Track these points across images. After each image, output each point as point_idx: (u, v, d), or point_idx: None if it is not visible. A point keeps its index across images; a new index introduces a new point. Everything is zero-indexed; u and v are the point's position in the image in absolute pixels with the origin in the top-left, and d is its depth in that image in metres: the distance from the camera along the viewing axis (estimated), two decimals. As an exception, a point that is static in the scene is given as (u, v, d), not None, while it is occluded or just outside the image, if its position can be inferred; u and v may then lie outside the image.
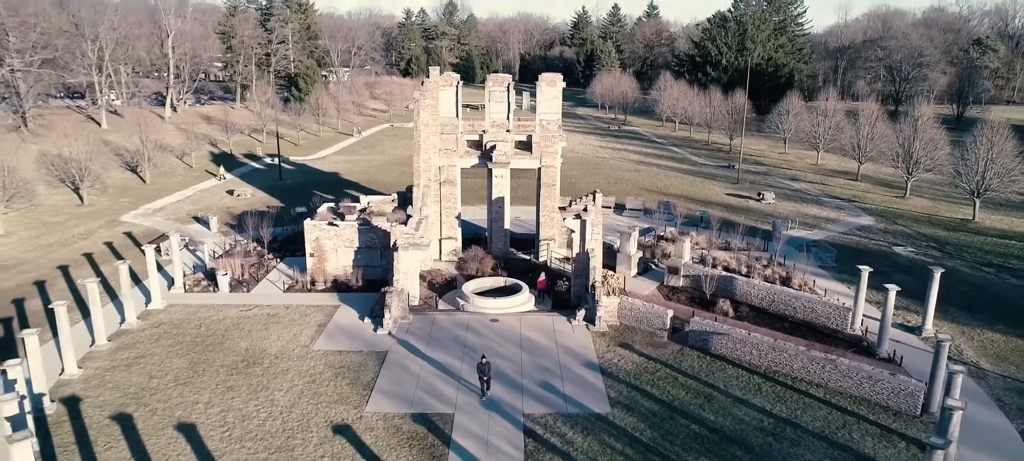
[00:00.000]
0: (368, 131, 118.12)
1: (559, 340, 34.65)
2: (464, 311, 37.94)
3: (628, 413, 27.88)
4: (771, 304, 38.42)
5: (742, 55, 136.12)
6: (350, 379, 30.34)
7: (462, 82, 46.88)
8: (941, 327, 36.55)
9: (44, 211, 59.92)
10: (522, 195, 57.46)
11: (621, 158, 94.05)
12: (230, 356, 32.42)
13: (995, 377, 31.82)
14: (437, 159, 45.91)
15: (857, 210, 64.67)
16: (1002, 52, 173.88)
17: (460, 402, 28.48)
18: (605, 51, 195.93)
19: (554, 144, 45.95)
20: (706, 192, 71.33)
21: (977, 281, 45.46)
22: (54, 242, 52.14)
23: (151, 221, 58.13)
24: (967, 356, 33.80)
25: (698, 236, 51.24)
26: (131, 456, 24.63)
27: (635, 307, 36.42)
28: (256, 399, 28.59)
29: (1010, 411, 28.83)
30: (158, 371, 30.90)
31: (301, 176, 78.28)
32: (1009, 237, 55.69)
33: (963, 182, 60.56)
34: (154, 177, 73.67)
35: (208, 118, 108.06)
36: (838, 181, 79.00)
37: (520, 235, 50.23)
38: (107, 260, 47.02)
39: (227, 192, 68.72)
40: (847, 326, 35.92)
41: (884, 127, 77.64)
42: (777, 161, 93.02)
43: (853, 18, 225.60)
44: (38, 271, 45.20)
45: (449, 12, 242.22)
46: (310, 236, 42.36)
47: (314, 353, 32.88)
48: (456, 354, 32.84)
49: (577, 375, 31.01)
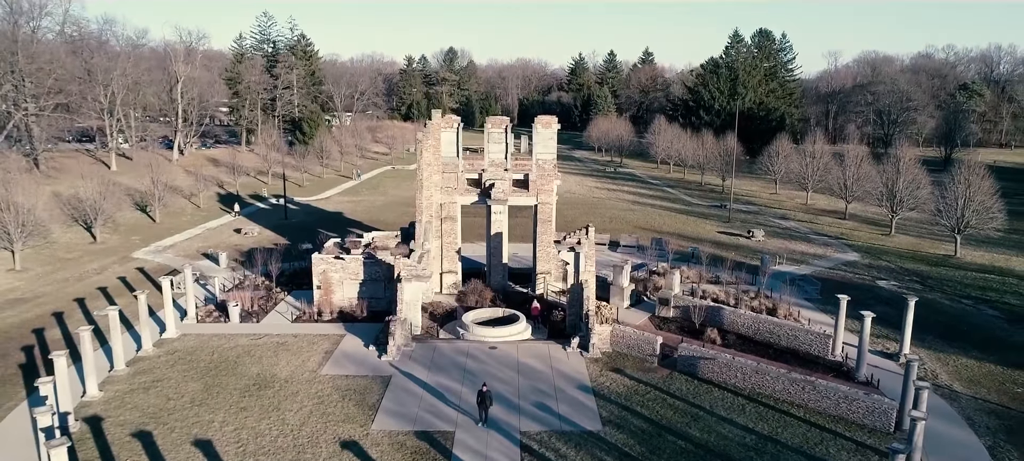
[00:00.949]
0: (370, 173, 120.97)
1: (554, 365, 36.49)
2: (464, 340, 39.82)
3: (618, 430, 29.62)
4: (756, 332, 40.35)
5: (734, 99, 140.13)
6: (356, 401, 32.11)
7: (462, 126, 49.59)
8: (919, 354, 38.34)
9: (58, 248, 62.05)
10: (519, 233, 59.71)
11: (616, 198, 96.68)
12: (242, 380, 34.21)
13: (967, 399, 33.60)
14: (439, 196, 48.31)
15: (843, 247, 66.90)
16: (988, 96, 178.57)
17: (460, 421, 30.22)
18: (602, 96, 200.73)
19: (550, 182, 48.40)
20: (698, 230, 73.65)
21: (956, 312, 47.43)
22: (69, 277, 54.17)
23: (162, 257, 60.23)
24: (941, 380, 35.61)
25: (689, 271, 53.35)
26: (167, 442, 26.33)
27: (627, 334, 38.35)
28: (268, 418, 30.34)
29: (979, 429, 30.58)
30: (175, 393, 32.66)
31: (306, 215, 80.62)
32: (988, 271, 57.82)
33: (944, 220, 62.97)
34: (164, 216, 75.99)
35: (215, 161, 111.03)
36: (827, 220, 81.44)
37: (518, 269, 52.33)
38: (121, 294, 48.96)
39: (235, 230, 70.98)
40: (828, 352, 37.82)
41: (869, 168, 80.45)
42: (768, 201, 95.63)
43: (843, 64, 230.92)
44: (55, 303, 47.13)
45: (449, 59, 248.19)
46: (318, 269, 44.45)
47: (322, 377, 34.68)
48: (457, 379, 34.64)
49: (571, 397, 32.80)
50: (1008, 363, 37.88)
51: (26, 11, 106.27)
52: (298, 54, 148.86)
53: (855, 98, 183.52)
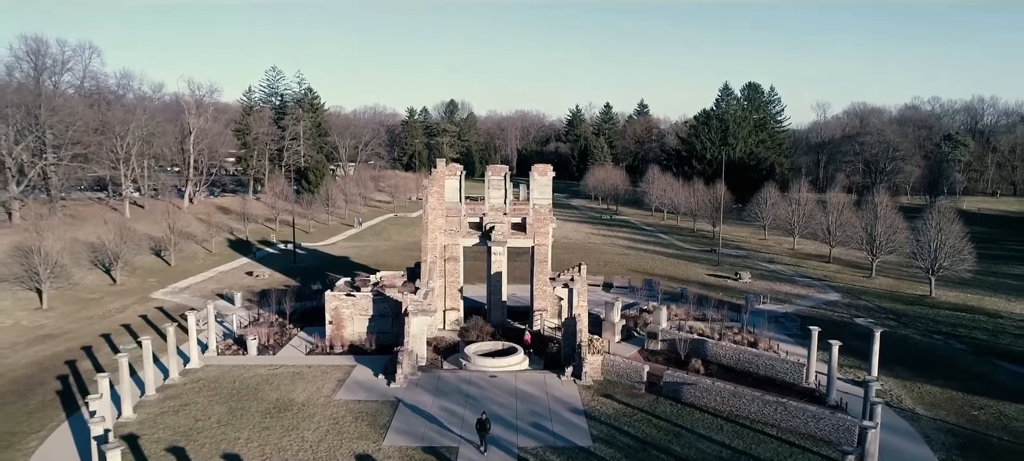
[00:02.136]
0: (373, 221, 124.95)
1: (549, 391, 39.62)
2: (466, 370, 42.98)
3: (607, 446, 32.67)
4: (737, 363, 43.56)
5: (724, 150, 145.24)
6: (368, 421, 35.19)
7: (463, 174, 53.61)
8: (887, 382, 41.57)
9: (80, 290, 65.38)
10: (517, 275, 63.04)
11: (611, 244, 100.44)
12: (263, 404, 37.31)
13: (927, 420, 36.69)
14: (442, 238, 52.01)
15: (826, 288, 70.36)
16: (972, 146, 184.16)
17: (464, 439, 33.24)
18: (598, 146, 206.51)
19: (546, 225, 52.18)
20: (688, 272, 77.17)
21: (926, 346, 50.69)
22: (93, 315, 57.45)
23: (179, 298, 63.58)
24: (905, 404, 38.72)
25: (677, 309, 56.72)
26: None
27: (617, 364, 41.58)
28: (288, 436, 33.39)
29: (935, 445, 33.62)
30: (202, 415, 35.74)
31: (313, 259, 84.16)
32: (961, 310, 61.18)
33: (919, 261, 66.61)
34: (178, 260, 79.51)
35: (224, 208, 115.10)
36: (812, 263, 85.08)
37: (515, 307, 55.63)
38: (144, 330, 52.12)
39: (247, 273, 74.44)
40: (802, 380, 40.99)
41: (850, 214, 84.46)
42: (757, 246, 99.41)
43: (833, 115, 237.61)
44: (83, 339, 50.33)
45: (450, 111, 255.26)
46: (330, 305, 47.84)
47: (336, 402, 37.79)
48: (459, 403, 37.74)
49: (564, 418, 35.88)
50: (969, 390, 41.01)
51: (49, 67, 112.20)
52: (305, 107, 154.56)
53: (844, 148, 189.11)
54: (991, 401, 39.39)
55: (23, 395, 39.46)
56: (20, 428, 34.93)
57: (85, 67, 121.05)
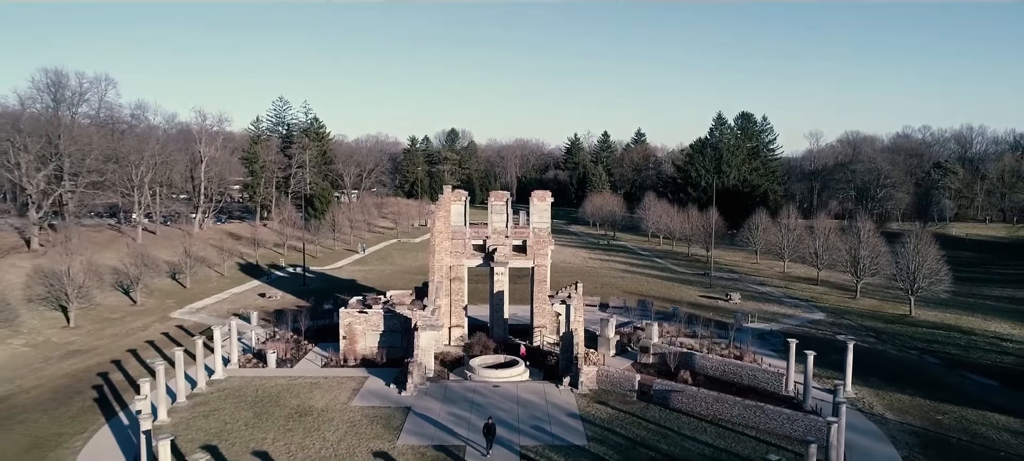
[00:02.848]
0: (377, 246, 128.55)
1: (548, 399, 42.97)
2: (471, 380, 46.33)
3: (601, 445, 35.99)
4: (723, 373, 46.93)
5: (718, 177, 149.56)
6: (383, 424, 38.52)
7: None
8: (861, 392, 44.96)
9: (103, 310, 68.79)
10: (517, 297, 66.37)
11: (608, 267, 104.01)
12: (285, 409, 40.65)
13: (895, 423, 40.02)
14: (448, 259, 55.63)
15: (812, 308, 73.85)
16: (961, 174, 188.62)
17: (470, 438, 36.55)
18: (596, 174, 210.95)
19: (545, 247, 55.86)
20: (681, 294, 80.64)
21: (901, 360, 54.12)
22: (118, 333, 60.85)
23: (197, 317, 67.00)
24: (875, 410, 42.06)
25: (669, 327, 60.13)
26: None
27: (610, 374, 44.98)
28: (310, 436, 36.70)
29: (899, 444, 36.95)
30: (231, 419, 39.07)
31: (322, 282, 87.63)
32: (937, 328, 64.63)
33: (899, 283, 70.20)
34: (193, 283, 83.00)
35: (233, 234, 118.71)
36: (801, 285, 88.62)
37: (516, 325, 58.99)
38: (166, 346, 55.49)
39: (259, 295, 77.89)
40: (782, 389, 44.35)
41: (837, 239, 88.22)
42: (749, 269, 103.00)
43: (827, 143, 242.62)
44: (111, 354, 53.70)
45: (451, 139, 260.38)
46: (344, 321, 51.31)
47: (352, 408, 41.13)
48: (466, 409, 41.07)
49: (562, 421, 39.22)
50: (936, 398, 44.38)
51: (68, 98, 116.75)
52: (312, 135, 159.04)
53: (837, 176, 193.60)
54: (955, 407, 42.75)
55: (63, 402, 42.79)
56: (65, 429, 38.24)
57: (101, 98, 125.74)
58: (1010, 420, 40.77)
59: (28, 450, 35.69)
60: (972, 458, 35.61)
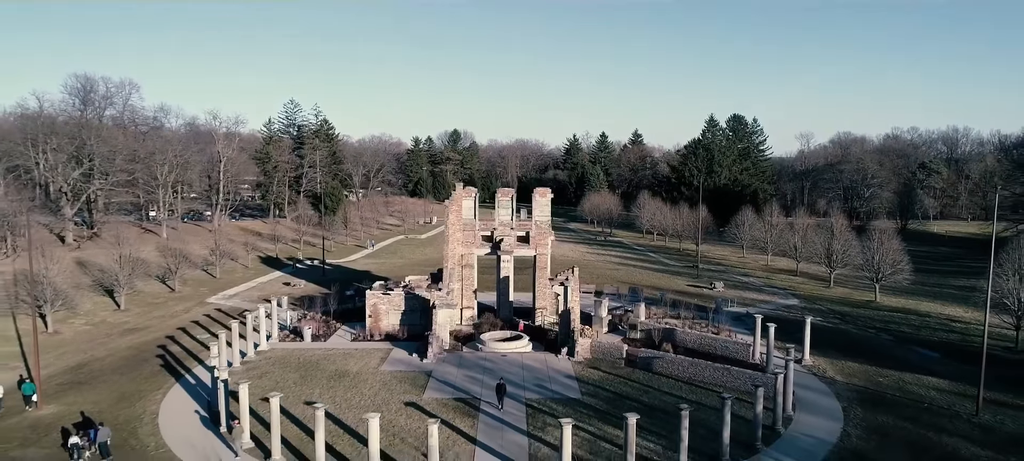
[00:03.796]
0: (385, 242, 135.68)
1: (549, 365, 50.28)
2: (482, 351, 53.60)
3: (592, 398, 43.28)
4: (700, 345, 54.21)
5: (710, 177, 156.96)
6: (409, 383, 45.80)
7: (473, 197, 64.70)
8: (818, 361, 52.19)
9: (146, 296, 76.05)
10: (520, 286, 73.57)
11: (604, 261, 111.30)
12: (325, 373, 47.92)
13: (841, 384, 47.28)
14: (460, 248, 62.89)
15: (788, 295, 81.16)
16: (945, 174, 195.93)
17: (484, 394, 43.79)
18: (594, 174, 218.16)
19: (545, 238, 63.11)
20: (670, 284, 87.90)
21: (859, 337, 61.45)
22: (163, 315, 68.13)
23: (231, 302, 74.26)
24: (828, 375, 49.29)
25: (656, 309, 67.42)
26: (282, 416, 39.79)
27: (602, 345, 52.29)
28: (350, 391, 43.98)
29: (842, 399, 44.20)
30: (281, 379, 46.33)
31: (338, 273, 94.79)
32: (897, 311, 71.92)
33: (865, 272, 77.54)
34: (222, 274, 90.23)
35: (249, 231, 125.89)
36: (781, 276, 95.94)
37: (520, 307, 66.23)
38: (210, 325, 62.81)
39: (284, 283, 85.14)
40: (749, 357, 51.65)
41: (813, 234, 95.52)
42: (735, 263, 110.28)
43: (819, 144, 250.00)
44: (163, 331, 60.98)
45: (454, 140, 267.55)
46: (370, 301, 58.60)
47: (382, 372, 48.41)
48: (479, 373, 48.34)
49: (560, 381, 46.52)
50: (881, 365, 51.69)
51: (96, 102, 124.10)
52: (322, 137, 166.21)
53: (826, 175, 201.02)
54: (896, 372, 50.09)
55: (134, 368, 50.09)
56: (142, 387, 45.52)
57: (125, 102, 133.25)
58: (940, 382, 48.10)
59: (117, 402, 42.97)
60: (898, 407, 42.93)
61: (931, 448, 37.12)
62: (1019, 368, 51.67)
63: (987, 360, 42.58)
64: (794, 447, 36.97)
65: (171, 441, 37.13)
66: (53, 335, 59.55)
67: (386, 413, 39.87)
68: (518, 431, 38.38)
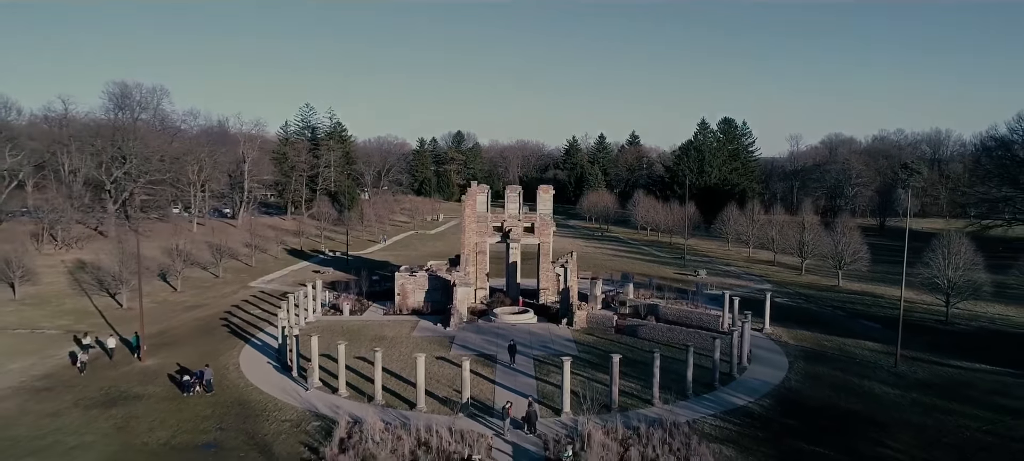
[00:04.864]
0: (396, 237, 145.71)
1: (551, 332, 60.44)
2: (494, 323, 63.72)
3: (586, 354, 53.42)
4: (678, 318, 64.30)
5: (701, 176, 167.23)
6: (437, 344, 55.96)
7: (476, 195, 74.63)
8: (778, 330, 62.27)
9: (195, 280, 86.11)
10: (525, 272, 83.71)
11: (601, 253, 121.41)
12: (367, 337, 58.04)
13: (792, 346, 57.39)
14: (475, 237, 72.96)
15: (763, 281, 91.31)
16: (926, 174, 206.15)
17: (498, 353, 53.88)
18: (593, 174, 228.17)
19: (548, 228, 73.20)
20: (658, 271, 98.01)
21: (817, 312, 71.70)
22: (215, 296, 78.23)
23: (271, 286, 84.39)
24: (783, 340, 59.38)
25: (644, 291, 77.54)
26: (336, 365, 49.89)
27: (596, 317, 62.46)
28: (390, 350, 54.04)
29: (789, 356, 54.31)
30: (331, 342, 56.12)
31: (360, 263, 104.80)
32: (855, 293, 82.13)
33: (830, 260, 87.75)
34: (256, 263, 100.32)
35: (271, 226, 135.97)
36: (760, 265, 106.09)
37: (525, 289, 76.35)
38: (256, 304, 72.86)
39: (313, 271, 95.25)
40: (719, 327, 61.78)
41: (789, 228, 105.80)
42: (720, 255, 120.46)
43: (809, 145, 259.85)
44: (218, 309, 71.06)
45: (457, 141, 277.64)
46: (398, 282, 68.73)
47: (414, 336, 58.54)
48: (493, 338, 58.42)
49: (561, 343, 56.67)
50: (828, 333, 61.88)
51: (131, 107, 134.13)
52: (336, 138, 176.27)
53: (814, 175, 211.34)
54: (839, 338, 60.32)
55: (206, 334, 60.25)
56: (218, 348, 55.65)
57: (156, 106, 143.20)
58: (874, 344, 58.34)
59: (201, 357, 52.97)
60: (834, 362, 53.16)
61: (851, 388, 47.32)
62: (943, 335, 62.06)
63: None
64: (743, 387, 47.20)
65: (255, 381, 47.31)
66: (128, 310, 69.56)
67: (423, 364, 49.90)
68: (527, 376, 48.60)
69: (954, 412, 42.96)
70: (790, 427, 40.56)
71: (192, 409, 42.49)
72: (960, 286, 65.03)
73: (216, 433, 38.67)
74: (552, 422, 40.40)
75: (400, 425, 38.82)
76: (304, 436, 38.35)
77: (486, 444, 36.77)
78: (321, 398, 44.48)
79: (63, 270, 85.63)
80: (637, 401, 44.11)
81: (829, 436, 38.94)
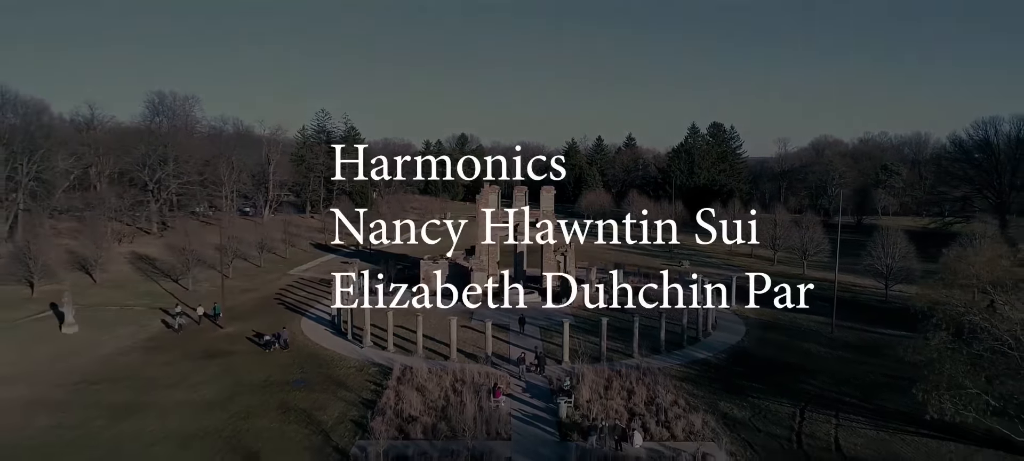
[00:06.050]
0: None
1: (553, 308, 72.81)
2: (505, 302, 76.03)
3: (581, 325, 65.75)
4: (660, 297, 76.71)
5: (691, 177, 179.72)
6: (459, 315, 68.21)
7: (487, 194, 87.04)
8: (741, 307, 74.61)
9: (240, 271, 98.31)
10: (529, 263, 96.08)
11: (596, 247, 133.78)
12: (402, 313, 70.27)
13: (752, 319, 69.81)
14: (487, 230, 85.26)
15: (739, 270, 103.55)
16: (905, 174, 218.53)
17: (511, 323, 66.18)
18: (591, 174, 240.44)
19: (550, 225, 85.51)
20: (648, 263, 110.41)
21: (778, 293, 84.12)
22: (262, 281, 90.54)
23: (309, 274, 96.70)
24: (744, 314, 71.80)
25: (633, 279, 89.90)
26: (381, 331, 62.20)
27: (590, 294, 74.83)
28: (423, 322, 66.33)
29: (748, 326, 66.74)
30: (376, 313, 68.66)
31: (381, 255, 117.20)
32: (815, 280, 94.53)
33: (796, 252, 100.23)
34: (290, 255, 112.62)
35: (293, 223, 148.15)
36: (739, 258, 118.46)
37: (530, 276, 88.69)
38: (300, 288, 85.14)
39: (342, 261, 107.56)
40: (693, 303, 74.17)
41: (764, 225, 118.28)
42: (706, 249, 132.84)
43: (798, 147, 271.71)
44: (268, 291, 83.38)
45: (461, 143, 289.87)
46: (423, 268, 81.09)
47: (438, 310, 70.86)
48: (506, 312, 70.80)
49: (561, 316, 69.02)
50: (786, 310, 74.27)
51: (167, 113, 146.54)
52: (350, 142, 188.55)
53: (799, 175, 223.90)
54: (792, 313, 72.73)
55: (266, 309, 72.61)
56: (280, 319, 67.97)
57: (188, 113, 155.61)
58: (819, 318, 70.74)
59: (269, 327, 65.29)
60: (783, 330, 65.61)
61: (793, 348, 59.80)
62: (879, 311, 74.56)
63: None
64: (706, 346, 59.74)
65: (319, 342, 59.72)
66: (192, 292, 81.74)
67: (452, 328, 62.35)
68: (535, 338, 61.06)
69: (866, 363, 55.45)
70: (737, 372, 53.06)
71: (276, 360, 54.86)
72: (896, 271, 77.37)
73: (301, 373, 51.05)
74: (554, 367, 52.80)
75: (440, 369, 51.18)
76: (368, 376, 50.76)
77: (506, 380, 49.16)
78: (375, 353, 56.89)
79: (123, 261, 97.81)
80: (621, 355, 56.59)
81: (765, 376, 51.41)
